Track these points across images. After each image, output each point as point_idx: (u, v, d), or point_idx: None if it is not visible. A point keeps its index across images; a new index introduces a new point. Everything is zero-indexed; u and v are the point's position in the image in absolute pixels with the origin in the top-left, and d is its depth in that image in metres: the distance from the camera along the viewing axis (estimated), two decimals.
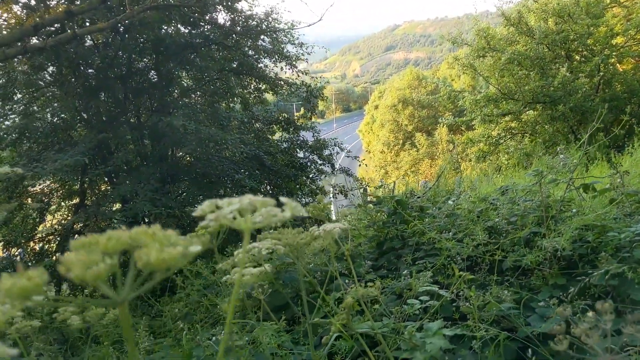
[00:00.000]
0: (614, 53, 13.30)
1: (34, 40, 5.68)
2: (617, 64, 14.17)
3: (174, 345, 3.64)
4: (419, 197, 4.49)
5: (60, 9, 4.30)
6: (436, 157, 37.94)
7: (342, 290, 2.60)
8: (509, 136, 15.06)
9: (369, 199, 4.48)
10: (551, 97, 12.85)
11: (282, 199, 0.59)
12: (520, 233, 2.98)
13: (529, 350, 2.23)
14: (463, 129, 17.53)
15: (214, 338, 3.20)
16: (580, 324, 0.86)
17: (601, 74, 12.68)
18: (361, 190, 6.99)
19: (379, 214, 4.21)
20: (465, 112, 16.29)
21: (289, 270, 3.38)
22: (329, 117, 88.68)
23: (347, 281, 2.87)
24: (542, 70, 13.45)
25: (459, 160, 34.33)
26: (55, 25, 5.30)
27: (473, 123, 16.03)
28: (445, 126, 37.15)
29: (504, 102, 14.22)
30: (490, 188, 6.07)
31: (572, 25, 13.18)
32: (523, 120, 14.75)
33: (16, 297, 0.43)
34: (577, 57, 13.93)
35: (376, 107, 50.49)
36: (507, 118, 14.63)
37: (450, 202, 3.76)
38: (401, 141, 41.58)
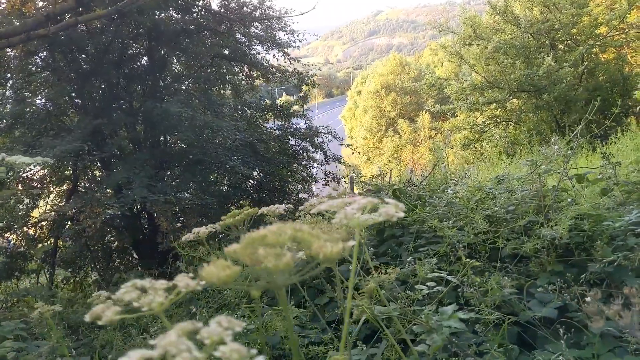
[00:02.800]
0: (597, 43, 13.51)
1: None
2: (600, 54, 14.39)
3: None
4: (416, 186, 4.61)
5: None
6: (419, 143, 38.21)
7: (349, 276, 2.70)
8: (493, 124, 15.24)
9: (367, 187, 4.58)
10: (536, 86, 13.04)
11: (388, 200, 0.68)
12: (521, 222, 3.10)
13: (528, 333, 2.39)
14: (449, 116, 17.69)
15: None
16: (612, 306, 0.98)
17: (585, 63, 12.88)
18: (355, 178, 7.08)
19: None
20: (449, 99, 16.48)
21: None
22: (311, 103, 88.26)
23: (349, 268, 2.97)
24: (527, 59, 13.62)
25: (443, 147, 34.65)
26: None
27: (458, 112, 16.25)
28: (427, 113, 37.47)
29: (490, 90, 14.39)
30: (482, 177, 6.22)
31: (557, 14, 13.35)
32: (508, 108, 14.95)
33: (222, 283, 0.53)
34: (561, 47, 14.12)
35: (359, 93, 50.59)
36: (492, 106, 14.81)
37: (449, 190, 3.88)
38: (384, 127, 41.73)
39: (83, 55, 7.44)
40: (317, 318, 3.43)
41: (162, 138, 7.69)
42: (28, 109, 6.98)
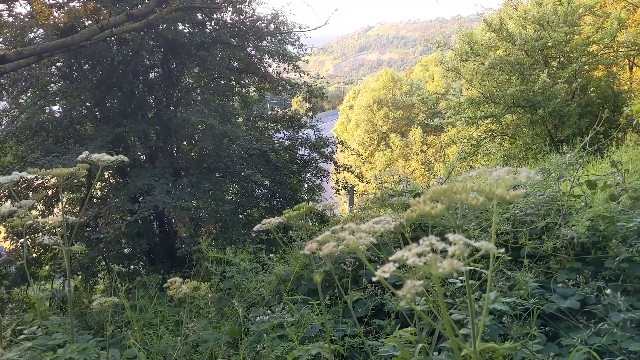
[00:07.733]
0: (589, 60, 13.92)
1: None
2: (590, 72, 14.78)
3: (212, 326, 3.93)
4: None
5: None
6: (410, 158, 38.62)
7: (371, 275, 2.95)
8: (489, 138, 15.56)
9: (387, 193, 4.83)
10: (531, 102, 13.39)
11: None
12: (542, 223, 3.35)
13: (550, 324, 2.65)
14: (447, 129, 18.05)
15: (258, 318, 3.53)
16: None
17: (579, 80, 13.26)
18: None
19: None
20: (440, 114, 16.91)
21: (320, 258, 3.71)
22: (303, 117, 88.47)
23: (377, 267, 3.20)
24: (522, 76, 13.98)
25: (433, 161, 35.13)
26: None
27: (450, 126, 16.66)
28: (419, 127, 37.98)
29: (486, 105, 14.74)
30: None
31: (551, 32, 13.73)
32: (503, 123, 15.27)
33: (431, 216, 0.77)
34: (554, 64, 14.50)
35: (351, 107, 51.02)
36: (487, 120, 15.14)
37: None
38: (376, 142, 42.13)
39: (99, 66, 7.67)
40: (347, 314, 3.67)
41: (175, 147, 7.91)
42: (49, 117, 7.15)
